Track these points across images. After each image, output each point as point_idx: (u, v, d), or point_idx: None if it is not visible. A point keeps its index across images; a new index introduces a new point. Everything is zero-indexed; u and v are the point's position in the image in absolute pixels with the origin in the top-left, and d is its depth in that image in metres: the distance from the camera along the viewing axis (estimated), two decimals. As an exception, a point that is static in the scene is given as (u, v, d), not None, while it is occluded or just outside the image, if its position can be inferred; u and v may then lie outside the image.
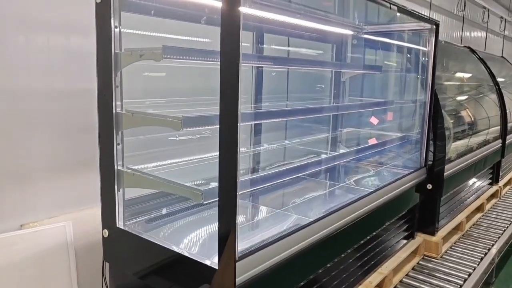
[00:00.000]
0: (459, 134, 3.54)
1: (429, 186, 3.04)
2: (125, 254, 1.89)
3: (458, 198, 3.74)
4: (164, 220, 2.15)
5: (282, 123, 3.09)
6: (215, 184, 1.51)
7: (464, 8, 8.26)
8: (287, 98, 3.11)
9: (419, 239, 3.07)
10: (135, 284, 1.86)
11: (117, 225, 1.85)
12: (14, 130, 2.17)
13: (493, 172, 4.60)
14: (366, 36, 3.30)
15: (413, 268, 2.91)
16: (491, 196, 4.40)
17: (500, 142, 4.47)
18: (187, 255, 1.63)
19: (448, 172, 3.10)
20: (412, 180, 2.83)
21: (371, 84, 3.51)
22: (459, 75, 4.22)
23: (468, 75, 4.47)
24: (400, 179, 2.70)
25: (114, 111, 1.76)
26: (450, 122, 3.35)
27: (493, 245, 3.35)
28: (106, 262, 2.00)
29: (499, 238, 3.50)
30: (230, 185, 1.42)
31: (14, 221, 2.23)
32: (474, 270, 2.92)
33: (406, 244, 2.96)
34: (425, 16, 2.80)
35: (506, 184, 4.90)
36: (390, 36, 3.38)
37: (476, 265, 2.99)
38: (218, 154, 1.44)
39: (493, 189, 4.48)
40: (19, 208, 2.24)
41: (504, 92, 4.75)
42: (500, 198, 4.57)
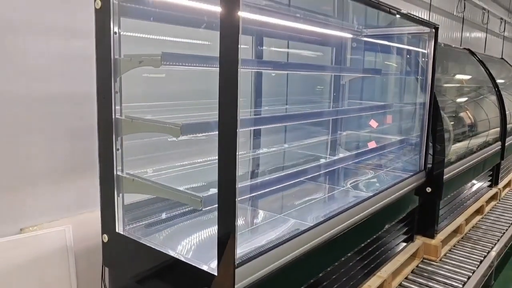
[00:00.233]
0: (459, 136, 3.54)
1: (428, 189, 3.04)
2: (124, 259, 1.89)
3: (458, 201, 3.74)
4: (164, 225, 2.15)
5: (282, 126, 3.09)
6: (214, 191, 1.51)
7: (464, 10, 8.26)
8: (286, 100, 3.11)
9: (418, 242, 3.07)
10: (135, 289, 1.86)
11: (116, 230, 1.85)
12: (14, 133, 2.17)
13: (492, 174, 4.60)
14: (365, 39, 3.30)
15: (412, 271, 2.91)
16: (491, 198, 4.40)
17: (499, 144, 4.47)
18: (186, 261, 1.63)
19: (448, 175, 3.10)
20: (411, 184, 2.83)
21: (371, 87, 3.51)
22: (458, 77, 4.22)
23: (468, 77, 4.47)
24: (399, 182, 2.71)
25: (113, 116, 1.76)
26: (450, 124, 3.35)
27: (492, 247, 3.36)
28: (105, 267, 2.00)
29: (498, 240, 3.50)
30: (229, 192, 1.43)
31: (14, 225, 2.23)
32: (473, 273, 2.92)
33: (406, 247, 2.96)
34: (424, 20, 2.80)
35: (506, 186, 4.90)
36: (390, 39, 3.38)
37: (475, 268, 2.99)
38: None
39: (492, 191, 4.48)
40: (18, 212, 2.24)
41: (503, 94, 4.75)
42: (499, 200, 4.58)
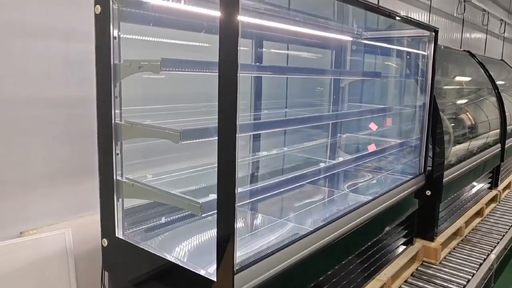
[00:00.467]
0: (459, 138, 3.54)
1: (428, 193, 3.04)
2: (124, 263, 1.89)
3: (457, 203, 3.74)
4: (163, 229, 2.15)
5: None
6: (214, 196, 1.51)
7: (464, 11, 8.26)
8: (286, 103, 3.11)
9: (418, 245, 3.07)
10: (135, 293, 1.87)
11: (116, 234, 1.85)
12: (13, 137, 2.17)
13: (492, 176, 4.60)
14: (365, 41, 3.30)
15: (412, 274, 2.91)
16: (491, 201, 4.40)
17: (499, 146, 4.47)
18: (185, 266, 1.63)
19: (447, 178, 3.10)
20: (411, 187, 2.83)
21: (371, 89, 3.51)
22: (458, 79, 4.22)
23: (468, 79, 4.47)
24: (399, 186, 2.71)
25: (113, 121, 1.76)
26: (450, 126, 3.35)
27: (492, 250, 3.36)
28: (105, 271, 2.00)
29: (498, 243, 3.50)
30: (228, 198, 1.43)
31: (14, 228, 2.23)
32: (473, 276, 2.92)
33: (405, 250, 2.96)
34: (424, 24, 2.80)
35: (506, 188, 4.90)
36: (390, 42, 3.38)
37: (475, 271, 2.99)
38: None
39: (492, 193, 4.48)
40: (18, 216, 2.24)
41: (503, 95, 4.75)
42: (499, 202, 4.57)
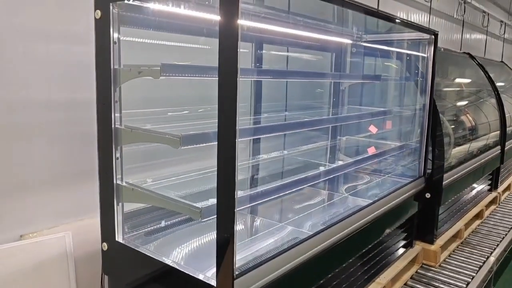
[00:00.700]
0: (459, 140, 3.54)
1: (427, 195, 3.04)
2: (124, 267, 1.89)
3: (457, 205, 3.74)
4: (163, 233, 2.15)
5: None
6: (213, 201, 1.51)
7: (464, 13, 8.26)
8: (286, 105, 3.11)
9: (417, 248, 3.08)
10: (134, 297, 1.87)
11: (116, 238, 1.86)
12: (14, 141, 2.17)
13: (492, 178, 4.60)
14: (365, 44, 3.30)
15: (411, 277, 2.91)
16: (490, 203, 4.40)
17: (499, 148, 4.47)
18: (185, 271, 1.63)
19: (447, 180, 3.10)
20: (410, 190, 2.83)
21: (371, 92, 3.51)
22: (458, 81, 4.22)
23: (467, 81, 4.47)
24: (399, 189, 2.71)
25: (113, 126, 1.77)
26: (450, 128, 3.35)
27: (491, 252, 3.36)
28: (105, 275, 2.00)
29: (497, 245, 3.50)
30: (227, 203, 1.43)
31: (14, 231, 2.23)
32: (473, 278, 2.92)
33: (405, 253, 2.96)
34: (424, 27, 2.81)
35: (505, 190, 4.90)
36: (389, 45, 3.38)
37: (475, 273, 2.99)
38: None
39: (492, 195, 4.48)
40: (18, 219, 2.24)
41: (503, 97, 4.75)
42: (499, 204, 4.57)
